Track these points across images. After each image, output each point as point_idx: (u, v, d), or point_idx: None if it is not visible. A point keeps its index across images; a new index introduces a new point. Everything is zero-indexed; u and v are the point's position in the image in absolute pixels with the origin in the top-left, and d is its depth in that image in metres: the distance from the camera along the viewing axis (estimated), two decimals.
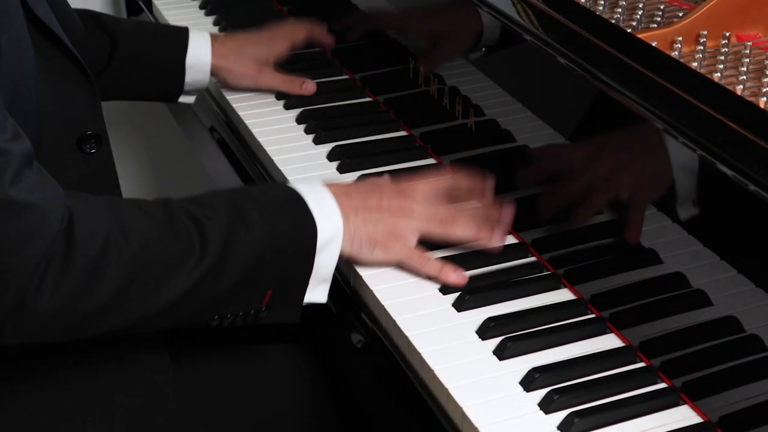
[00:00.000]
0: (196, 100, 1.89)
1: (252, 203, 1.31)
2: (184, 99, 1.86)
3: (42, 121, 1.34)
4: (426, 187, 1.44)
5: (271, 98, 1.85)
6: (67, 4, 1.53)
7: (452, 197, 1.45)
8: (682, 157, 1.20)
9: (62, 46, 1.38)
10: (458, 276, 1.39)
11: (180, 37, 1.81)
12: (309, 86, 1.83)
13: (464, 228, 1.42)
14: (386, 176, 1.48)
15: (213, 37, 1.84)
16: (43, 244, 1.17)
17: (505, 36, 1.52)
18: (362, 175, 1.61)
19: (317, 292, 1.36)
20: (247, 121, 1.79)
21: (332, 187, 1.38)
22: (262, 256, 1.29)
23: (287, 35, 1.89)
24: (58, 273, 1.17)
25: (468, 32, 1.60)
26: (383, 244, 1.39)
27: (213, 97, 1.93)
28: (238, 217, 1.28)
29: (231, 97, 1.85)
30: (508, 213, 1.44)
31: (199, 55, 1.81)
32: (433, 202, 1.43)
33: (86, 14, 1.77)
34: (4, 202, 1.15)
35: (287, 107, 1.83)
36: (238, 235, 1.27)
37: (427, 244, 1.43)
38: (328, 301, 1.48)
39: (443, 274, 1.39)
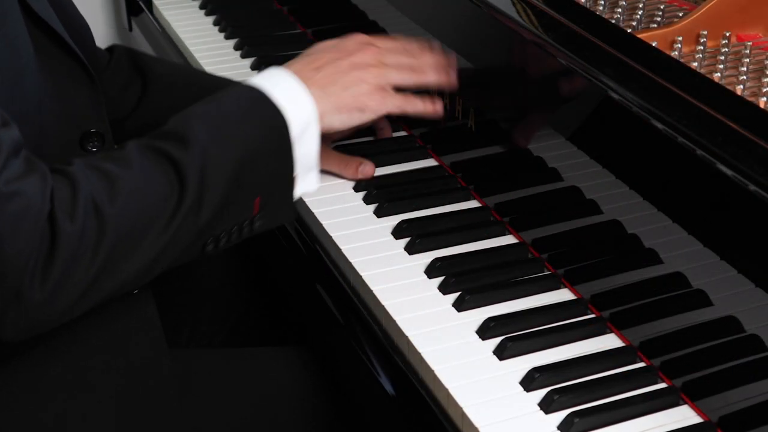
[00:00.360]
0: None
1: (219, 120, 1.28)
2: None
3: (43, 118, 1.34)
4: (385, 39, 1.46)
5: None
6: (72, 6, 1.52)
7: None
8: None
9: (63, 44, 1.37)
10: (437, 105, 1.45)
11: (217, 89, 1.59)
12: (367, 169, 1.60)
13: (433, 74, 1.46)
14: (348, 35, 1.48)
15: None
16: (33, 231, 1.15)
17: (505, 36, 1.51)
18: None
19: (307, 182, 1.34)
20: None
21: (297, 65, 1.36)
22: (240, 170, 1.26)
23: None
24: (47, 258, 1.16)
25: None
26: (371, 103, 1.39)
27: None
28: (209, 140, 1.25)
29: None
30: (452, 56, 1.48)
31: None
32: (395, 48, 1.45)
33: (125, 52, 1.68)
34: None
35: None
36: (212, 160, 1.24)
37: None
38: (328, 301, 1.49)
39: (429, 107, 1.45)
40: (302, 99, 1.32)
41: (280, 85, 1.32)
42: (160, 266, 1.25)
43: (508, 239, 1.49)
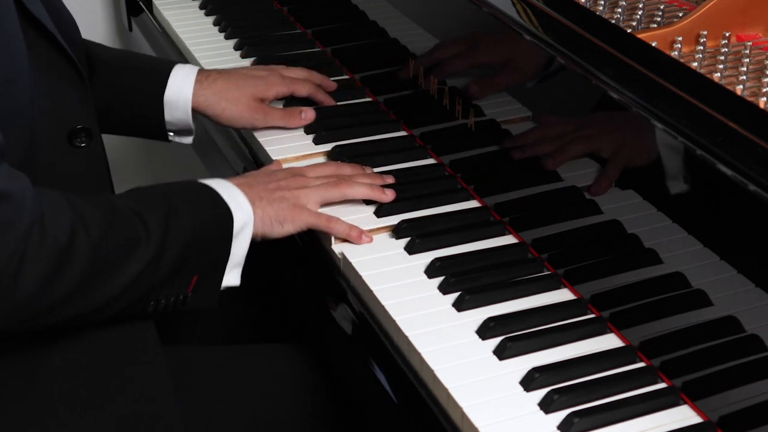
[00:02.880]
0: None
1: (179, 197, 1.41)
2: (177, 139, 1.78)
3: (34, 114, 1.35)
4: (316, 167, 1.59)
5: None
6: (60, 2, 1.53)
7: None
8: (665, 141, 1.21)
9: (54, 42, 1.39)
10: (365, 237, 1.50)
11: (163, 70, 1.73)
12: (308, 114, 1.76)
13: (360, 186, 1.55)
14: (277, 162, 1.66)
15: (202, 74, 1.74)
16: (19, 232, 1.21)
17: (505, 36, 1.51)
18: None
19: (232, 276, 1.45)
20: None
21: (235, 181, 1.50)
22: (191, 243, 1.38)
23: (289, 83, 1.78)
24: (33, 261, 1.22)
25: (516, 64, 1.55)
26: (290, 217, 1.50)
27: None
28: (170, 209, 1.38)
29: None
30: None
31: (180, 92, 1.71)
32: (325, 174, 1.57)
33: None
34: None
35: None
36: (173, 225, 1.36)
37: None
38: (327, 301, 1.49)
39: (352, 233, 1.50)
40: (243, 203, 1.46)
41: (227, 190, 1.46)
42: (117, 307, 1.34)
43: (508, 239, 1.49)
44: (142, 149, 2.81)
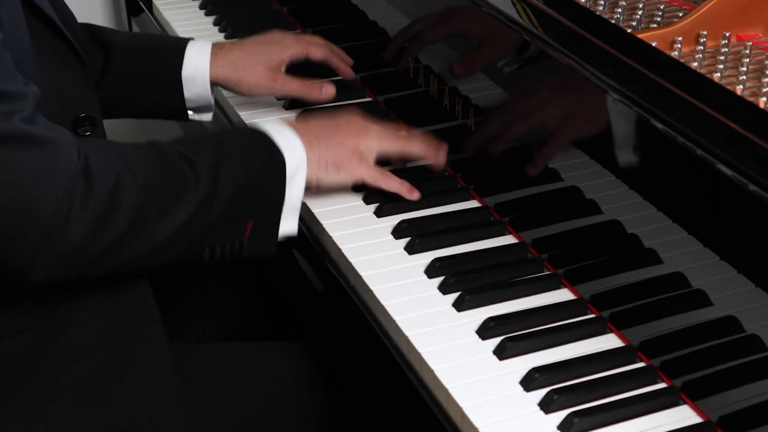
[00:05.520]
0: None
1: (230, 140, 1.42)
2: (197, 116, 1.79)
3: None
4: (378, 121, 1.57)
5: (272, 98, 1.85)
6: None
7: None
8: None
9: (55, 29, 1.40)
10: (416, 193, 1.53)
11: (177, 48, 1.73)
12: (328, 90, 1.76)
13: (419, 145, 1.55)
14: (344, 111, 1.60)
15: (217, 46, 1.74)
16: (65, 178, 1.24)
17: (505, 36, 1.51)
18: None
19: (288, 224, 1.44)
20: (247, 122, 1.79)
21: (292, 123, 1.49)
22: (243, 186, 1.38)
23: (305, 44, 1.78)
24: (81, 207, 1.24)
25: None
26: (347, 165, 1.50)
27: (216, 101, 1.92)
28: (221, 152, 1.38)
29: (233, 101, 1.85)
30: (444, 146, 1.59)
31: (197, 68, 1.72)
32: (387, 125, 1.58)
33: (82, 27, 1.72)
34: (23, 136, 1.22)
35: (288, 107, 1.83)
36: (223, 168, 1.37)
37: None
38: (327, 300, 1.49)
39: (404, 190, 1.53)
40: (296, 146, 1.45)
41: (281, 133, 1.45)
42: (170, 251, 1.34)
43: (508, 239, 1.49)
44: (143, 136, 2.79)
